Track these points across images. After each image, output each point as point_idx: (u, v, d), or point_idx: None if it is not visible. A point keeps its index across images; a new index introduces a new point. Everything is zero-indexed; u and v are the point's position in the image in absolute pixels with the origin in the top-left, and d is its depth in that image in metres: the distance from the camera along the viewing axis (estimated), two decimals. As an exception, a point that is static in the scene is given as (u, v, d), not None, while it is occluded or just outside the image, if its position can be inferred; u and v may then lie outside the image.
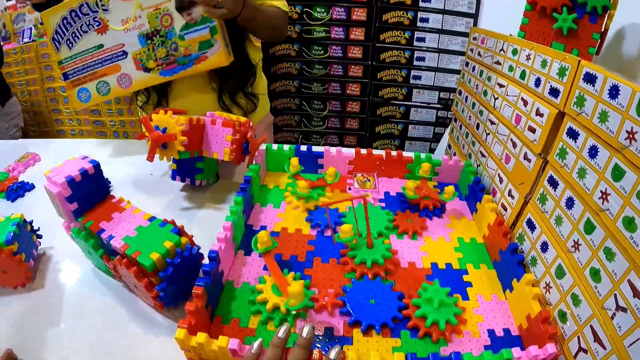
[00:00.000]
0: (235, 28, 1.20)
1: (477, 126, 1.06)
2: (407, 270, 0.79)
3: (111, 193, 0.85)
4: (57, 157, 1.35)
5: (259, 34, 1.35)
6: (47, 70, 2.91)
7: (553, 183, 0.68)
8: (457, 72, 2.22)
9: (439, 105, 2.28)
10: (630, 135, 0.49)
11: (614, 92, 0.53)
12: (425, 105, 2.27)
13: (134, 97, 1.39)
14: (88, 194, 0.76)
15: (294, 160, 1.06)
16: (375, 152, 1.10)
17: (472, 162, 1.07)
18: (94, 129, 2.89)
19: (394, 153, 1.08)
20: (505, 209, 0.86)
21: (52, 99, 2.99)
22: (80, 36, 1.15)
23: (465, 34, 2.15)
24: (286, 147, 1.13)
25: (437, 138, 2.34)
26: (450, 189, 0.94)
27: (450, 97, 2.27)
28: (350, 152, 1.11)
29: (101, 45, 1.16)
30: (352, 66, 2.21)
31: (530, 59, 0.79)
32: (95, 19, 1.12)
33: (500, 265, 0.79)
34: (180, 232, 0.71)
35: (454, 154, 1.24)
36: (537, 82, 0.75)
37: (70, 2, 1.12)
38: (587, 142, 0.59)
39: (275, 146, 1.13)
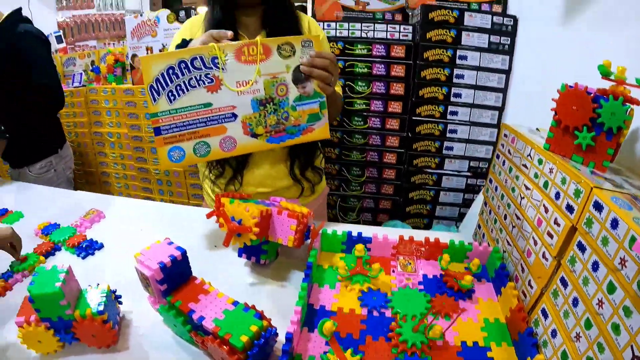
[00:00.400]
0: None
1: (505, 217, 1.13)
2: (441, 348, 0.91)
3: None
4: (120, 217, 1.52)
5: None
6: (95, 115, 3.11)
7: (564, 283, 0.79)
8: (487, 142, 2.35)
9: (469, 173, 2.41)
10: (623, 262, 0.63)
11: (615, 223, 0.66)
12: (456, 173, 2.41)
13: (206, 168, 1.47)
14: (175, 276, 0.88)
15: (359, 246, 1.10)
16: (416, 238, 1.19)
17: (499, 248, 1.15)
18: (138, 175, 3.03)
19: (432, 240, 1.18)
20: (525, 296, 0.95)
21: (98, 142, 3.18)
22: (186, 91, 1.10)
23: (495, 107, 2.29)
24: (339, 231, 1.21)
25: (466, 203, 2.45)
26: (469, 277, 1.06)
27: (480, 166, 2.40)
28: (394, 238, 1.20)
29: (209, 104, 1.12)
30: (390, 137, 2.37)
31: (552, 172, 0.90)
32: (208, 76, 1.10)
33: (518, 345, 0.90)
34: (261, 316, 0.83)
35: (483, 235, 1.32)
36: (557, 195, 0.87)
37: (181, 53, 1.09)
38: (591, 257, 0.71)
39: (329, 230, 1.22)
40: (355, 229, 1.28)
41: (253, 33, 1.36)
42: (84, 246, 1.32)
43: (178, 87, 1.09)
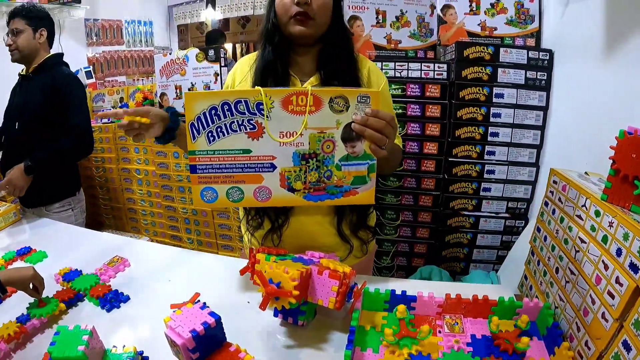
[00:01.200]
0: None
1: (557, 270, 1.06)
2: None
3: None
4: (146, 265, 1.46)
5: (384, 170, 1.29)
6: (123, 151, 3.09)
7: (627, 347, 0.71)
8: (525, 182, 2.27)
9: (507, 215, 2.31)
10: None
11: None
12: (494, 215, 2.31)
13: (245, 216, 1.37)
14: (209, 344, 0.83)
15: (401, 307, 1.03)
16: (463, 296, 1.11)
17: (550, 303, 1.07)
18: (165, 213, 2.99)
19: (480, 297, 1.09)
20: (582, 357, 0.87)
21: (126, 178, 3.15)
22: (227, 134, 1.06)
23: (533, 146, 2.21)
24: (380, 286, 1.13)
25: (504, 245, 2.35)
26: (526, 339, 0.96)
27: (518, 207, 2.31)
28: (440, 298, 1.12)
29: (248, 151, 1.08)
30: (425, 179, 2.29)
31: (612, 226, 0.82)
32: (251, 121, 1.05)
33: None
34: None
35: (530, 287, 1.25)
36: (619, 252, 0.79)
37: (225, 94, 1.05)
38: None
39: (372, 289, 1.13)
40: (397, 285, 1.20)
41: (307, 74, 1.27)
42: (108, 298, 1.27)
43: (219, 129, 1.06)
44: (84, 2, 3.67)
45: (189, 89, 2.53)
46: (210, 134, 1.06)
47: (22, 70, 2.25)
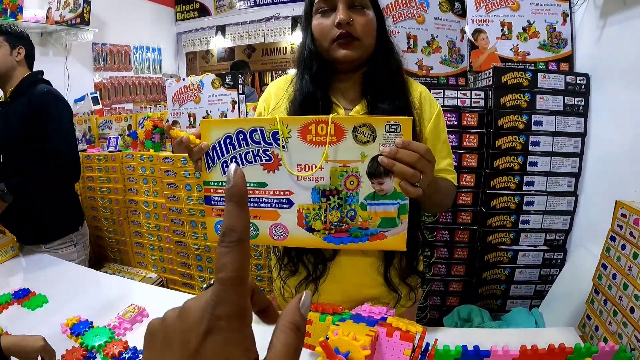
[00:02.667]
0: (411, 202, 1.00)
1: (631, 310, 0.99)
2: None
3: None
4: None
5: (428, 209, 1.23)
6: (131, 182, 2.89)
7: None
8: (564, 212, 2.16)
9: (545, 247, 2.18)
10: None
11: None
12: (532, 248, 2.18)
13: (276, 263, 1.23)
14: None
15: None
16: (539, 346, 0.98)
17: (626, 347, 0.98)
18: (175, 248, 2.80)
19: (556, 346, 0.98)
20: None
21: (133, 210, 2.96)
22: (241, 165, 0.97)
23: (572, 174, 2.12)
24: (452, 346, 0.98)
25: (542, 279, 2.22)
26: None
27: (556, 238, 2.19)
28: (515, 351, 1.00)
29: (264, 184, 0.98)
30: (462, 213, 2.17)
31: None
32: (267, 152, 0.96)
33: None
34: None
35: (596, 328, 1.16)
36: None
37: (240, 122, 0.97)
38: None
39: (441, 346, 0.98)
40: (455, 336, 1.06)
41: (352, 101, 1.15)
42: (126, 357, 1.11)
43: (234, 159, 0.97)
44: (92, 25, 3.58)
45: (204, 118, 2.39)
46: (225, 164, 0.98)
47: (0, 96, 2.06)
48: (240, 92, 2.29)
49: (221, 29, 4.97)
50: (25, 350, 1.00)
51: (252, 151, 0.96)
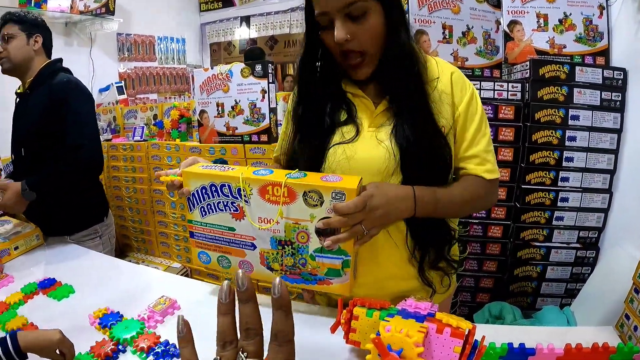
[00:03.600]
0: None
1: None
2: None
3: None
4: (198, 309, 1.25)
5: (453, 217, 1.17)
6: (157, 171, 2.87)
7: None
8: (598, 210, 2.12)
9: (578, 245, 2.13)
10: None
11: None
12: (565, 245, 2.13)
13: None
14: None
15: None
16: (584, 345, 0.95)
17: None
18: None
19: (599, 345, 0.95)
20: None
21: (158, 200, 2.95)
22: (215, 212, 1.12)
23: (607, 171, 2.08)
24: (498, 344, 0.98)
25: (574, 278, 2.17)
26: None
27: (589, 236, 2.14)
28: (560, 349, 0.97)
29: (233, 229, 1.12)
30: (496, 208, 2.13)
31: None
32: (234, 204, 1.09)
33: None
34: None
35: (635, 328, 1.11)
36: None
37: (214, 176, 1.09)
38: None
39: (486, 343, 0.98)
40: (499, 334, 0.99)
41: (377, 96, 1.12)
42: (159, 351, 1.06)
43: (209, 206, 1.12)
44: (117, 15, 3.58)
45: (232, 107, 2.37)
46: (202, 209, 1.13)
47: (19, 87, 2.00)
48: (270, 81, 2.27)
49: (245, 20, 4.94)
50: (43, 345, 0.97)
51: (223, 202, 1.10)
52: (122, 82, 3.75)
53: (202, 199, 1.12)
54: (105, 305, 1.27)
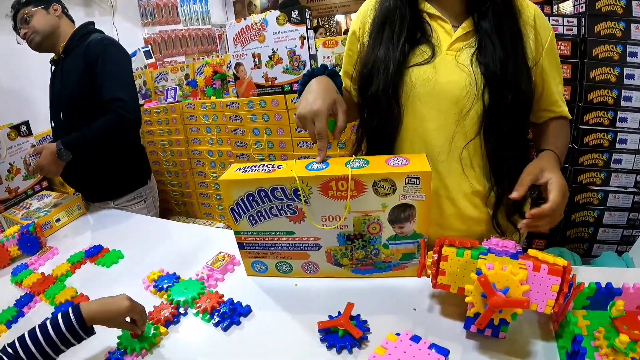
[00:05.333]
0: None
1: None
2: None
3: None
4: None
5: None
6: (193, 132, 2.84)
7: None
8: None
9: (635, 190, 2.04)
10: None
11: None
12: (623, 190, 2.04)
13: None
14: None
15: (620, 304, 0.79)
16: None
17: None
18: None
19: None
20: None
21: (196, 161, 2.92)
22: (268, 218, 1.04)
23: None
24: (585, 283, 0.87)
25: (630, 224, 2.09)
26: None
27: (647, 180, 2.04)
28: None
29: (292, 232, 1.05)
30: (553, 149, 2.02)
31: None
32: (290, 207, 1.01)
33: None
34: None
35: None
36: None
37: (261, 180, 0.99)
38: None
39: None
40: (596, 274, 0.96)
41: (457, 16, 1.05)
42: (223, 312, 1.01)
43: (259, 213, 1.04)
44: (137, -20, 3.50)
45: (270, 57, 2.29)
46: (251, 217, 1.05)
47: (53, 57, 1.96)
48: (309, 27, 2.18)
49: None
50: (111, 315, 0.89)
51: (276, 206, 1.01)
52: (149, 46, 3.69)
53: (249, 206, 1.03)
54: (159, 268, 1.24)
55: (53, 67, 1.97)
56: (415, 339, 0.65)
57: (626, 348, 0.70)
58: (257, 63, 2.34)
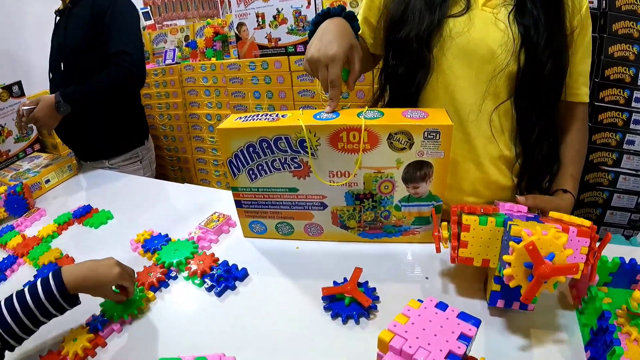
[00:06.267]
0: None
1: None
2: None
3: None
4: None
5: None
6: (192, 95, 2.76)
7: None
8: None
9: (647, 173, 1.98)
10: None
11: None
12: (634, 172, 1.98)
13: None
14: None
15: None
16: None
17: None
18: None
19: None
20: None
21: (194, 125, 2.84)
22: (269, 172, 0.96)
23: None
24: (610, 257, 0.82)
25: (639, 209, 2.03)
26: None
27: (659, 163, 1.97)
28: None
29: (295, 189, 0.98)
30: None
31: None
32: (295, 160, 0.93)
33: None
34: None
35: None
36: None
37: (263, 129, 0.91)
38: None
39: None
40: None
41: None
42: (217, 275, 0.93)
43: (259, 167, 0.97)
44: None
45: (274, 17, 2.20)
46: (251, 171, 0.98)
47: (58, 7, 1.87)
48: (317, -14, 2.09)
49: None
50: (98, 282, 0.80)
51: (279, 159, 0.94)
52: (148, 7, 3.56)
53: (250, 159, 0.95)
54: (150, 229, 1.16)
55: (57, 18, 1.89)
56: (442, 306, 0.58)
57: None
58: (261, 23, 2.25)
